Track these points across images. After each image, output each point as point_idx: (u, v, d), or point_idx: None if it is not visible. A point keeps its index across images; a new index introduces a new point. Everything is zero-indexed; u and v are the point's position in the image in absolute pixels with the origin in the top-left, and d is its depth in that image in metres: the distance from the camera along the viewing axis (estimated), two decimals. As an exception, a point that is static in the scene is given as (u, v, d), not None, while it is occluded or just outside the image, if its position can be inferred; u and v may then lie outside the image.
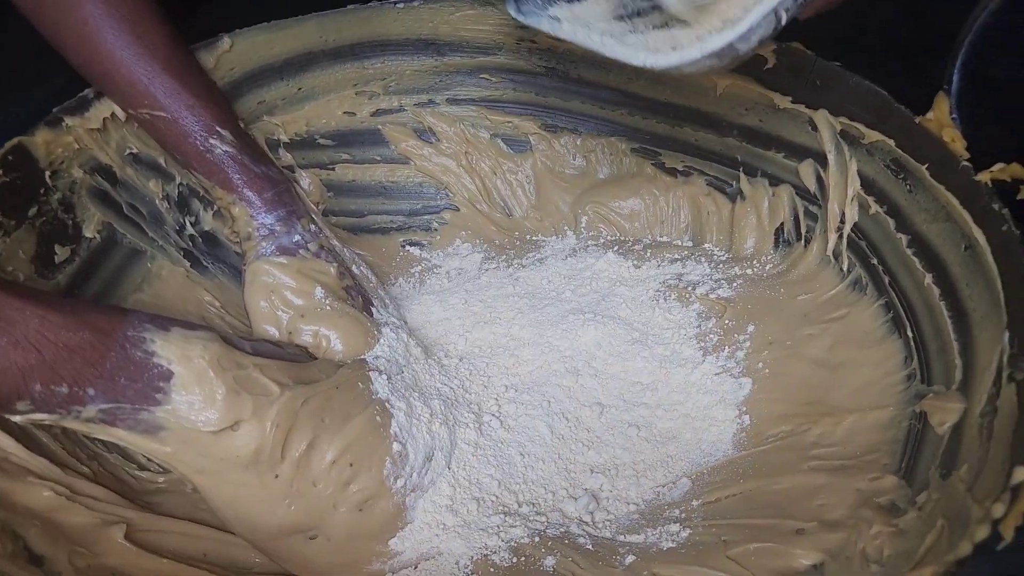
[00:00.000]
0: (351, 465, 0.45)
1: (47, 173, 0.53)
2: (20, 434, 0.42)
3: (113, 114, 0.55)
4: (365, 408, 0.47)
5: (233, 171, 0.51)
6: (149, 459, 0.49)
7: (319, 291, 0.52)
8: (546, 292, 0.64)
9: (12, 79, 0.95)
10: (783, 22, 0.39)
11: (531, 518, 0.49)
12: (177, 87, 0.49)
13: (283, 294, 0.51)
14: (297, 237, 0.53)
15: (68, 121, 0.53)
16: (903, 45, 0.75)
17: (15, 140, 0.50)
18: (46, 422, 0.37)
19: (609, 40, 0.43)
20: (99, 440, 0.48)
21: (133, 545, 0.42)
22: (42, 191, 0.52)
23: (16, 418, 0.36)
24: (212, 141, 0.51)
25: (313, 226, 0.55)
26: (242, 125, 0.54)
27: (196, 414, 0.39)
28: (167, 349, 0.39)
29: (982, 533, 0.30)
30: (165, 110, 0.49)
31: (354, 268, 0.57)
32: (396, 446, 0.47)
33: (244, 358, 0.43)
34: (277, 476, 0.42)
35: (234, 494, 0.42)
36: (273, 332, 0.51)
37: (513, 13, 0.49)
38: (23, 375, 0.35)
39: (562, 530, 0.48)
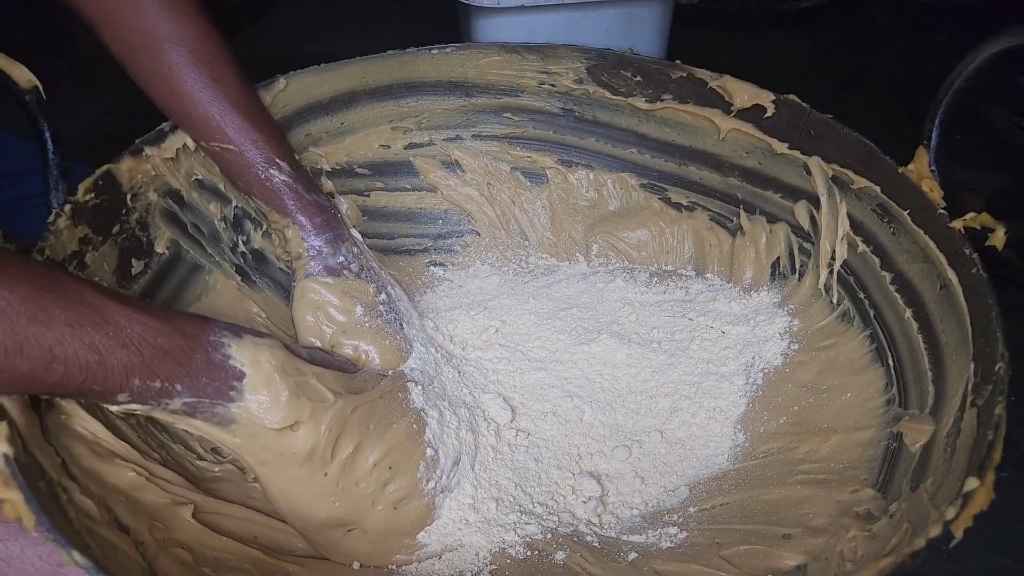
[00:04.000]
0: (390, 468, 0.50)
1: (128, 196, 0.57)
2: (107, 422, 0.47)
3: (185, 145, 0.59)
4: (403, 417, 0.52)
5: (288, 198, 0.56)
6: (207, 450, 0.54)
7: (359, 309, 0.57)
8: (558, 311, 0.68)
9: (66, 98, 1.01)
10: None
11: (544, 517, 0.54)
12: (245, 124, 0.54)
13: (328, 311, 0.56)
14: (341, 258, 0.58)
15: (147, 151, 0.58)
16: (904, 88, 0.80)
17: (104, 167, 0.55)
18: (138, 412, 0.41)
19: None
20: (166, 431, 0.52)
21: (199, 524, 0.46)
22: (124, 212, 0.57)
23: (115, 408, 0.41)
24: (272, 172, 0.56)
25: (355, 248, 0.60)
26: (297, 158, 0.59)
27: (263, 412, 0.44)
28: (241, 353, 0.44)
29: (935, 531, 0.35)
30: (233, 144, 0.54)
31: (389, 288, 0.61)
32: (429, 451, 0.52)
33: (304, 365, 0.47)
34: (326, 474, 0.47)
35: (288, 486, 0.47)
36: (317, 344, 0.56)
37: None
38: (126, 371, 0.39)
39: (572, 529, 0.53)
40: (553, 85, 0.71)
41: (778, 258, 0.67)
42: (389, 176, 0.74)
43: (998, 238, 0.49)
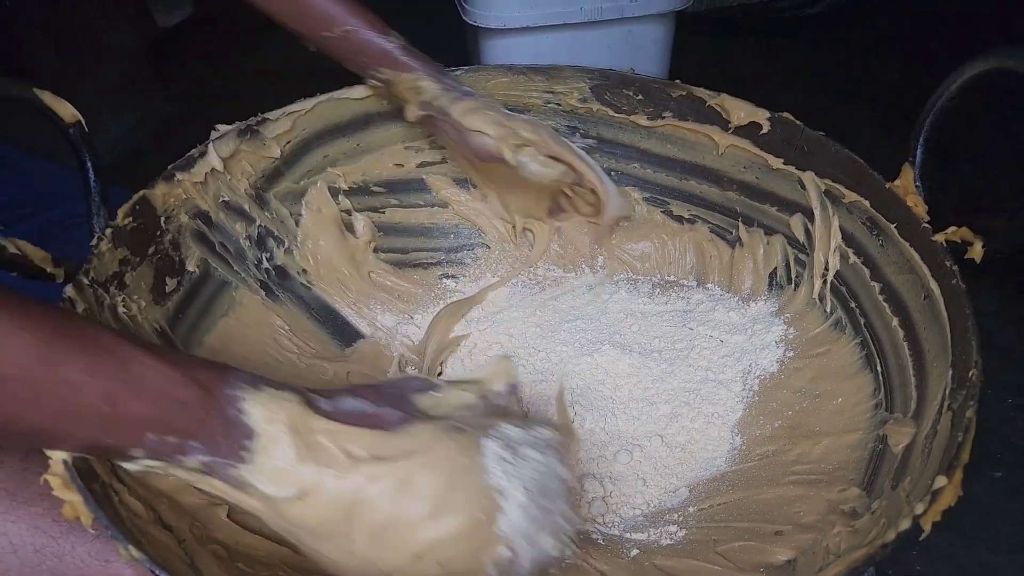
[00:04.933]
0: (439, 565, 0.38)
1: (162, 219, 0.61)
2: None
3: (213, 169, 0.63)
4: (463, 502, 0.39)
5: (409, 58, 0.64)
6: None
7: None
8: (563, 323, 0.70)
9: (92, 115, 1.05)
10: None
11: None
12: (356, 10, 0.63)
13: (487, 115, 0.64)
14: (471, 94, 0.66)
15: (179, 176, 0.61)
16: (906, 96, 0.82)
17: (141, 193, 0.59)
18: (155, 470, 0.38)
19: None
20: None
21: (232, 523, 0.48)
22: (158, 233, 0.60)
23: (128, 465, 0.37)
24: (388, 42, 0.64)
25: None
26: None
27: (268, 477, 0.38)
28: (255, 408, 0.38)
29: (904, 525, 0.38)
30: (352, 26, 0.63)
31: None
32: (503, 551, 0.39)
33: (320, 422, 0.39)
34: (352, 553, 0.39)
35: (318, 557, 0.40)
36: (487, 144, 0.64)
37: None
38: (142, 425, 0.36)
39: (577, 527, 0.56)
40: (558, 104, 0.74)
41: (775, 269, 0.69)
42: (403, 193, 0.76)
43: (976, 251, 0.52)
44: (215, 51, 1.49)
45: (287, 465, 0.38)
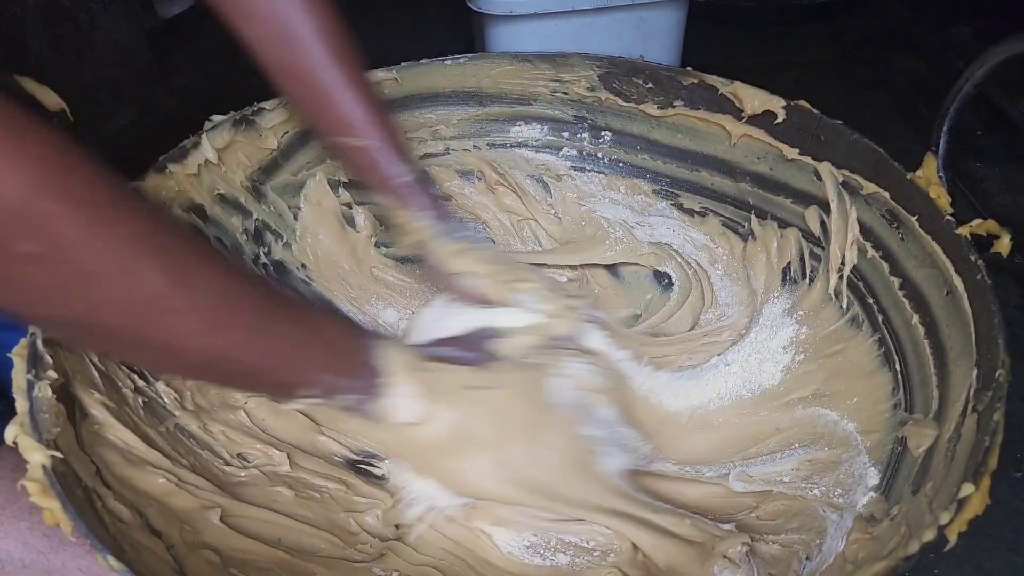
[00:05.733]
0: (538, 469, 0.51)
1: None
2: (138, 431, 0.49)
3: (207, 160, 0.61)
4: (550, 421, 0.52)
5: (412, 196, 0.57)
6: (233, 456, 0.55)
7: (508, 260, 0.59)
8: None
9: (92, 111, 1.03)
10: None
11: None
12: (374, 125, 0.55)
13: (478, 255, 0.58)
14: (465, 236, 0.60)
15: (171, 167, 0.60)
16: (927, 84, 0.79)
17: (131, 184, 0.56)
18: (310, 402, 0.45)
19: None
20: (194, 438, 0.54)
21: (226, 527, 0.48)
22: None
23: (292, 404, 0.48)
24: (395, 170, 0.57)
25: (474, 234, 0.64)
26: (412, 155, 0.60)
27: (397, 408, 0.47)
28: (380, 352, 0.47)
29: (929, 536, 0.36)
30: (362, 143, 0.56)
31: None
32: (593, 451, 0.52)
33: (427, 363, 0.49)
34: (457, 470, 0.50)
35: (432, 472, 0.51)
36: (478, 284, 0.56)
37: None
38: (321, 368, 0.44)
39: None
40: (565, 93, 0.72)
41: (789, 263, 0.67)
42: None
43: (1003, 244, 0.49)
44: (218, 42, 1.47)
45: (410, 397, 0.47)
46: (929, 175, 0.55)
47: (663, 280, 0.73)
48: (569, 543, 0.53)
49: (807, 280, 0.66)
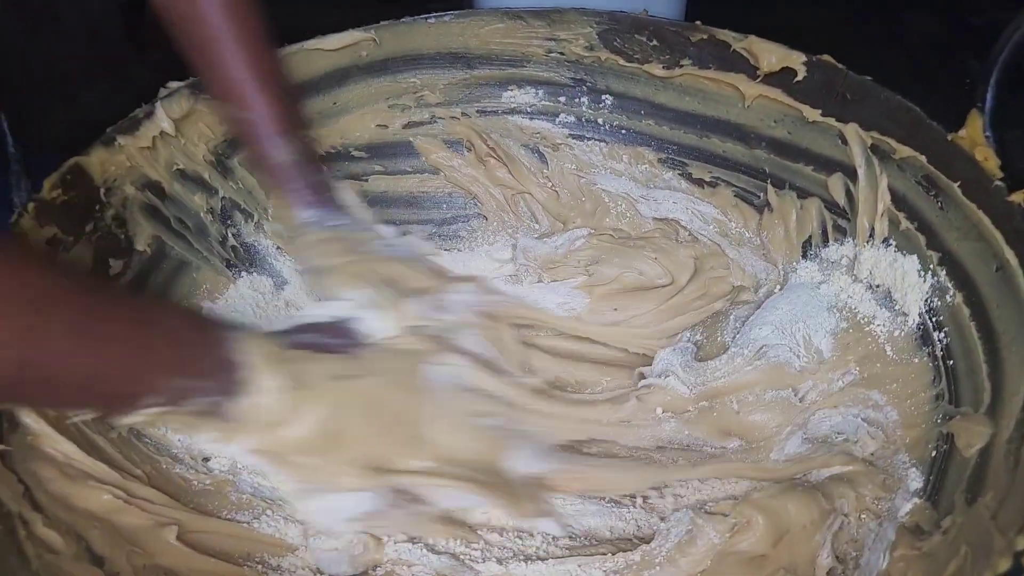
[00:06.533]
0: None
1: (102, 190, 0.55)
2: (82, 441, 0.44)
3: (163, 132, 0.57)
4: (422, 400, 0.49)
5: (286, 177, 0.55)
6: (197, 459, 0.52)
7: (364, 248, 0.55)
8: (569, 304, 0.66)
9: (60, 86, 0.97)
10: None
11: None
12: (258, 93, 0.53)
13: (334, 245, 0.54)
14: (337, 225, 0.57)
15: (120, 140, 0.56)
16: (945, 45, 0.75)
17: (72, 160, 0.52)
18: (153, 413, 0.39)
19: None
20: (151, 443, 0.50)
21: (184, 546, 0.44)
22: (97, 208, 0.54)
23: (128, 419, 0.39)
24: (274, 147, 0.54)
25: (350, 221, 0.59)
26: (306, 133, 0.57)
27: (260, 404, 0.43)
28: (239, 345, 0.43)
29: (1004, 565, 0.30)
30: (246, 112, 0.53)
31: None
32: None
33: (290, 352, 0.45)
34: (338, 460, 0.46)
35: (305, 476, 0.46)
36: (333, 281, 0.53)
37: None
38: (160, 368, 0.39)
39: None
40: (562, 53, 0.68)
41: (810, 237, 0.62)
42: (388, 158, 0.71)
43: (1064, 213, 0.43)
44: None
45: (274, 391, 0.43)
46: (974, 135, 0.50)
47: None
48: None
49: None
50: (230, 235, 0.64)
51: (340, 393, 0.46)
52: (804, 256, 0.63)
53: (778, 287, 0.63)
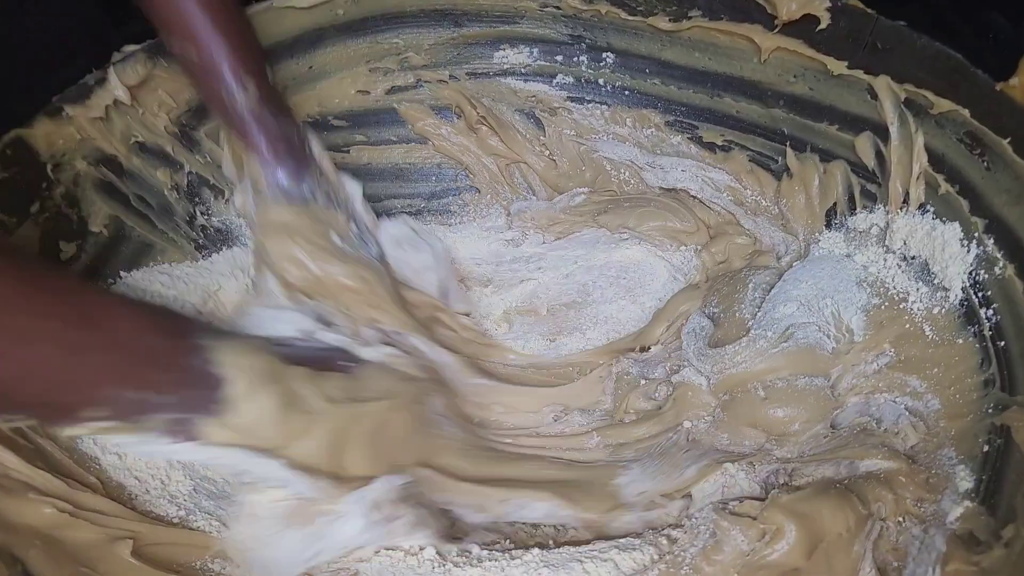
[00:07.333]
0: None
1: (48, 166, 0.53)
2: (26, 448, 0.41)
3: (116, 100, 0.54)
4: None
5: (250, 123, 0.50)
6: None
7: (334, 235, 0.51)
8: (570, 284, 0.65)
9: (35, 64, 0.94)
10: None
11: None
12: (215, 30, 0.47)
13: (301, 235, 0.50)
14: (305, 187, 0.52)
15: (69, 111, 0.53)
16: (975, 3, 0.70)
17: (13, 133, 0.50)
18: (106, 432, 0.35)
19: None
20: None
21: (139, 561, 0.41)
22: (44, 185, 0.52)
23: (74, 430, 0.35)
24: (237, 89, 0.49)
25: (322, 177, 0.54)
26: (270, 73, 0.53)
27: (248, 428, 0.39)
28: (224, 356, 0.38)
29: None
30: (201, 52, 0.47)
31: (360, 220, 0.56)
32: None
33: (290, 369, 0.41)
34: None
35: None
36: (294, 272, 0.49)
37: None
38: (101, 376, 0.34)
39: None
40: (558, 7, 0.65)
41: (834, 204, 0.59)
42: (371, 127, 0.69)
43: None
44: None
45: (267, 414, 0.39)
46: (1026, 84, 0.45)
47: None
48: None
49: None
50: (199, 214, 0.61)
51: (344, 419, 0.43)
52: (828, 226, 0.60)
53: (799, 261, 0.59)
